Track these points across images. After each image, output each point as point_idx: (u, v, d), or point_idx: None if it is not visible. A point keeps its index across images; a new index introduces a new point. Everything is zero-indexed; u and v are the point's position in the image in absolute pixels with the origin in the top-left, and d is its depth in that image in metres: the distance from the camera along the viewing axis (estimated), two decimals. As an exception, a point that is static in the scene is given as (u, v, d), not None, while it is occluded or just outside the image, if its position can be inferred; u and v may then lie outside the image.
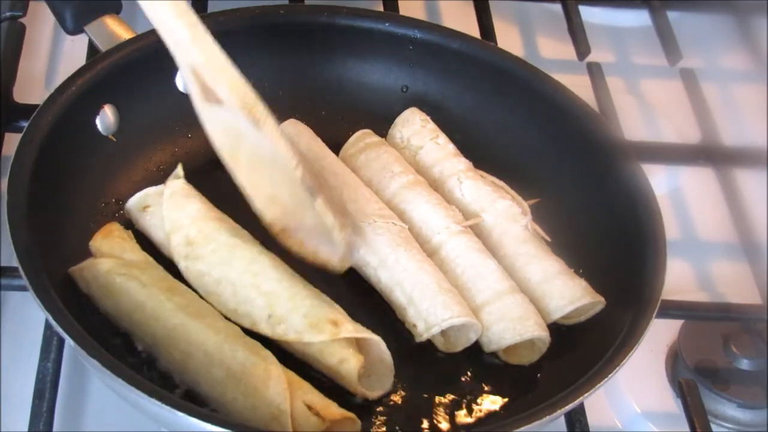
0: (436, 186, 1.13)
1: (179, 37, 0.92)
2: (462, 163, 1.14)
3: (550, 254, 1.08)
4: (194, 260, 1.01)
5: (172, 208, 1.05)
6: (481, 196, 1.11)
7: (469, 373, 1.02)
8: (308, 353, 0.97)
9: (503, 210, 1.10)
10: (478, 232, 1.09)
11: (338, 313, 0.97)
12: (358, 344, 0.97)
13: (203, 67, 0.93)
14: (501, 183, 1.14)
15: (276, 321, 0.96)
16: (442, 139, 1.17)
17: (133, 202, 1.07)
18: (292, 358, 0.97)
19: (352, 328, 0.96)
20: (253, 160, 0.97)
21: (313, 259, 1.02)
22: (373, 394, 0.96)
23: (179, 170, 1.09)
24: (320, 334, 0.95)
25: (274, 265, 1.01)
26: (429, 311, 1.00)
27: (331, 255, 1.00)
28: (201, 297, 0.99)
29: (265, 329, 0.96)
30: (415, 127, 1.17)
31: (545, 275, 1.05)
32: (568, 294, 1.04)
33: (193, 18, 0.92)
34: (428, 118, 1.18)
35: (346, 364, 0.94)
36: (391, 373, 0.97)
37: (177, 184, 1.07)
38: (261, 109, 0.94)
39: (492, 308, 1.02)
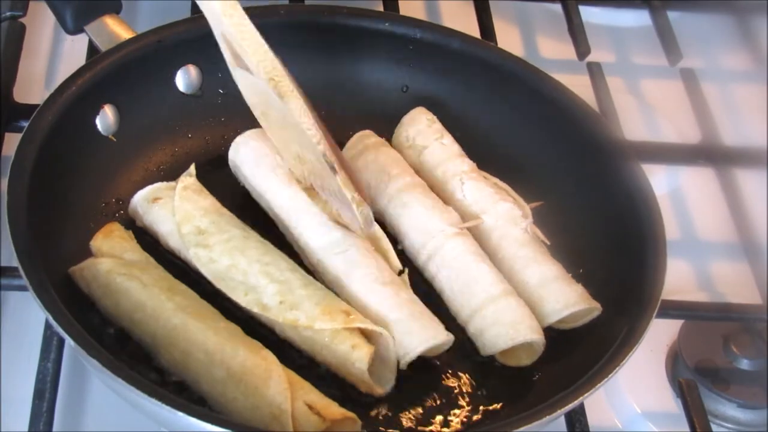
0: (438, 187, 1.13)
1: (212, 7, 0.95)
2: (466, 164, 1.14)
3: (548, 258, 1.07)
4: (204, 248, 1.01)
5: (184, 200, 1.05)
6: (482, 198, 1.11)
7: (468, 375, 1.02)
8: (317, 341, 0.97)
9: (504, 212, 1.10)
10: (477, 234, 1.09)
11: (349, 307, 0.98)
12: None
13: (233, 37, 0.95)
14: (504, 185, 1.13)
15: (288, 307, 0.97)
16: (447, 139, 1.16)
17: (143, 194, 1.07)
18: (292, 359, 0.97)
19: (363, 320, 0.96)
20: (282, 122, 0.98)
21: (336, 219, 1.04)
22: (379, 389, 0.97)
23: (192, 169, 1.10)
24: (333, 321, 0.95)
25: (286, 259, 1.02)
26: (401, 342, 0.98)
27: (352, 221, 1.01)
28: (202, 292, 0.99)
29: (275, 315, 0.97)
30: (420, 126, 1.17)
31: (542, 279, 1.05)
32: (563, 299, 1.03)
33: None
34: (435, 118, 1.18)
35: (358, 350, 0.95)
36: (393, 373, 0.97)
37: (189, 180, 1.08)
38: (287, 84, 0.96)
39: (486, 312, 1.01)
